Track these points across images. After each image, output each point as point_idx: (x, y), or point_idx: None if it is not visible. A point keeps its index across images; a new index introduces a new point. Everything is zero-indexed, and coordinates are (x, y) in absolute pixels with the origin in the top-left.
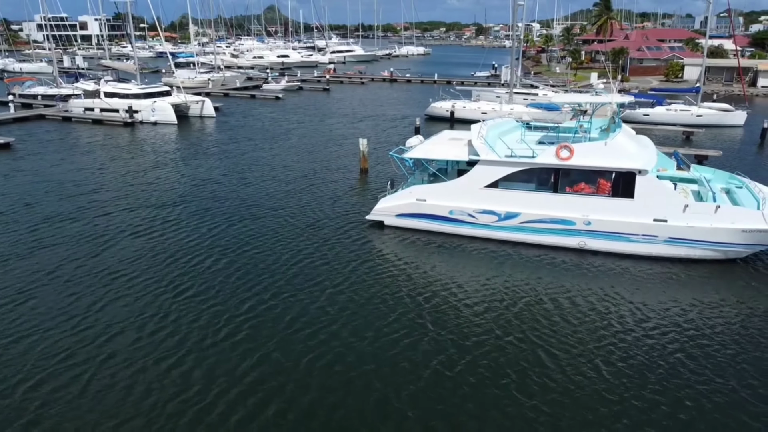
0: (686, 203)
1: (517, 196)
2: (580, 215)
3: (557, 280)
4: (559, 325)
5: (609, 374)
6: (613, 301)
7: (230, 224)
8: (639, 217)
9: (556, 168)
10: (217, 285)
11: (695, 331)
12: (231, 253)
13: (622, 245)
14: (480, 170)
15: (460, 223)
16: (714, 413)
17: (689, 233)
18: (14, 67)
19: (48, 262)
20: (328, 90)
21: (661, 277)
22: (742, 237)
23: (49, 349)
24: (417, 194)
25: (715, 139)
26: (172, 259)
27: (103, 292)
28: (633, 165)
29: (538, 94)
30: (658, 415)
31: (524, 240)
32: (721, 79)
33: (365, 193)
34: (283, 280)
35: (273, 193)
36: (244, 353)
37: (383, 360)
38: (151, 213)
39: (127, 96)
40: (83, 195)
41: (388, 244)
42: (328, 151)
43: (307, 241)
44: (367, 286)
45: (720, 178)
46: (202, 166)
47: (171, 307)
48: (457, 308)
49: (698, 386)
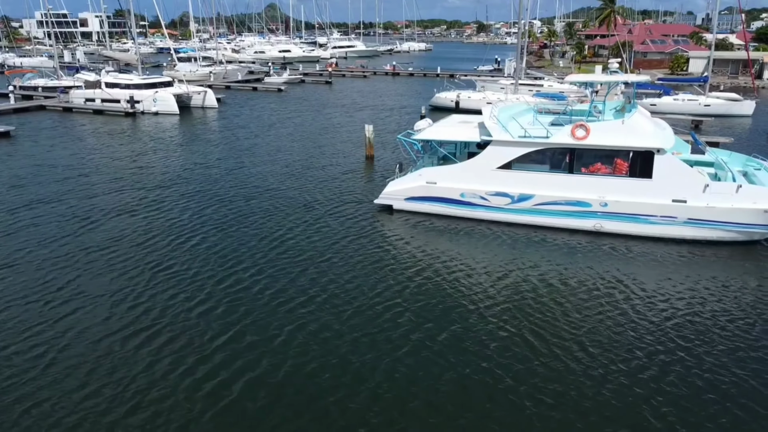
0: (706, 183)
1: (530, 178)
2: (596, 196)
3: (572, 264)
4: (574, 312)
5: (624, 364)
6: (630, 286)
7: (235, 206)
8: (657, 197)
9: (571, 148)
10: (226, 268)
11: (717, 316)
12: (238, 232)
13: (640, 227)
14: (492, 151)
15: (471, 206)
16: (738, 400)
17: (709, 214)
18: (14, 62)
19: (28, 241)
20: (330, 83)
21: (681, 259)
22: (764, 217)
23: (19, 324)
24: (427, 177)
25: (723, 127)
26: (174, 237)
27: (81, 270)
28: (651, 144)
29: (543, 85)
30: (676, 405)
31: (538, 223)
32: (727, 72)
33: (372, 179)
34: (291, 266)
35: (278, 179)
36: (251, 341)
37: (406, 336)
38: (143, 195)
39: (129, 86)
40: (74, 178)
41: (397, 228)
42: (333, 139)
43: (315, 226)
44: (377, 272)
45: (737, 160)
46: (203, 154)
47: (170, 286)
48: (468, 294)
49: (719, 375)
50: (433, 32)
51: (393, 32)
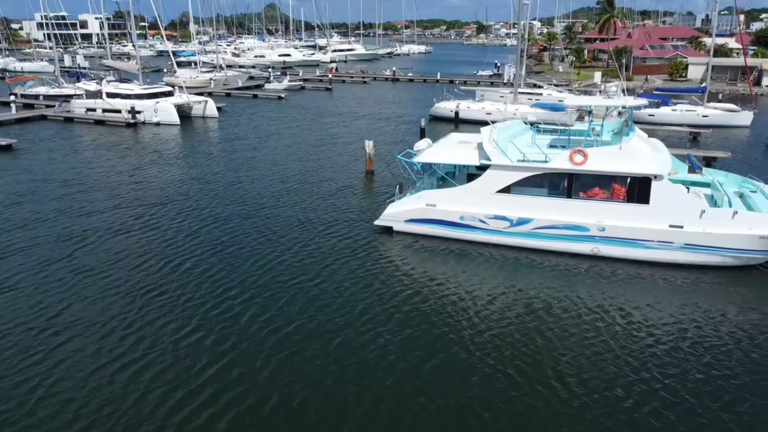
0: (703, 209)
1: (529, 202)
2: (594, 221)
3: (570, 288)
4: (571, 336)
5: (620, 387)
6: (627, 310)
7: (231, 226)
8: (654, 222)
9: (569, 173)
10: (219, 290)
11: (714, 342)
12: (232, 255)
13: (637, 252)
14: (492, 175)
15: (471, 228)
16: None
17: (706, 239)
18: (15, 67)
19: (24, 265)
20: (331, 89)
21: (678, 284)
22: (760, 243)
23: (12, 356)
24: (427, 199)
25: (721, 139)
26: (169, 259)
27: (74, 296)
28: (649, 170)
29: (542, 93)
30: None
31: (537, 246)
32: (726, 78)
33: (372, 195)
34: (283, 292)
35: (276, 196)
36: (246, 369)
37: (391, 368)
38: (139, 213)
39: (130, 96)
40: (72, 195)
41: (395, 250)
42: (333, 152)
43: (310, 248)
44: (368, 297)
45: (733, 181)
46: (204, 168)
47: (159, 309)
48: (458, 322)
49: (713, 402)
50: (433, 33)
51: (393, 33)
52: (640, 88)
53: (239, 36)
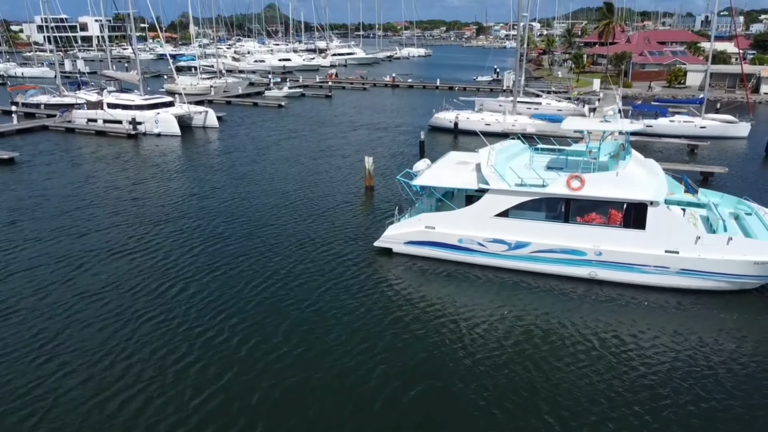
0: (698, 234)
1: (527, 226)
2: (591, 246)
3: (567, 313)
4: (567, 366)
5: (612, 421)
6: (622, 338)
7: (228, 243)
8: (650, 248)
9: (567, 198)
10: (213, 311)
11: (706, 372)
12: (229, 277)
13: (634, 276)
14: (490, 199)
15: (469, 251)
16: None
17: (701, 265)
18: (16, 72)
19: (22, 288)
20: (330, 97)
21: (673, 309)
22: (754, 269)
23: (7, 384)
24: (426, 222)
25: (719, 152)
26: (164, 281)
27: (69, 321)
28: (644, 196)
29: (541, 103)
30: None
31: (534, 269)
32: (724, 85)
33: (371, 213)
34: (276, 315)
35: (274, 213)
36: (240, 385)
37: (389, 399)
38: (136, 232)
39: (131, 107)
40: (71, 212)
41: (396, 272)
42: (331, 165)
43: (313, 268)
44: (375, 320)
45: (728, 202)
46: (203, 183)
47: (151, 340)
48: (465, 345)
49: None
50: (433, 34)
51: (393, 34)
52: (638, 98)
53: (239, 39)
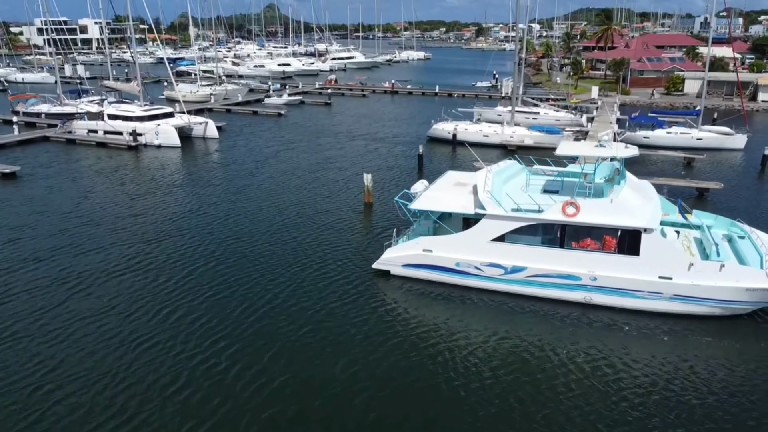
0: (691, 261)
1: (523, 251)
2: (586, 271)
3: (562, 336)
4: (561, 394)
5: None
6: (617, 362)
7: (223, 263)
8: (644, 274)
9: (562, 224)
10: (209, 334)
11: (697, 395)
12: (225, 300)
13: (628, 301)
14: (486, 224)
15: (466, 275)
16: None
17: (694, 291)
18: (16, 77)
19: (20, 312)
20: (330, 104)
21: (666, 334)
22: (746, 295)
23: (2, 417)
24: (424, 245)
25: (715, 165)
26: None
27: (67, 347)
28: (638, 223)
29: (539, 113)
30: None
31: (530, 293)
32: (722, 93)
33: (370, 230)
34: (272, 343)
35: (272, 231)
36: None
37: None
38: (134, 252)
39: (131, 119)
40: (70, 230)
41: (394, 295)
42: (331, 179)
43: (311, 290)
44: (372, 343)
45: (722, 224)
46: (201, 198)
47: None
48: (460, 371)
49: None
50: (432, 36)
51: (392, 35)
52: (636, 106)
53: (238, 42)
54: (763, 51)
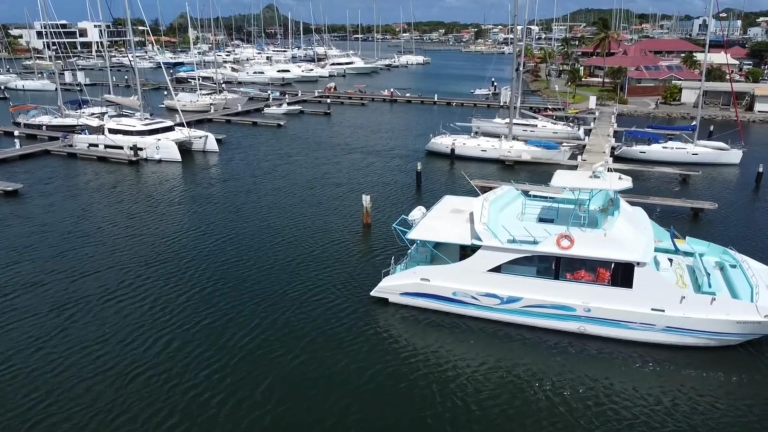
0: (683, 294)
1: (519, 282)
2: (580, 302)
3: (552, 366)
4: (555, 418)
5: None
6: (610, 392)
7: (218, 288)
8: (637, 306)
9: (557, 256)
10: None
11: (688, 418)
12: (222, 328)
13: (621, 332)
14: (483, 255)
15: (463, 304)
16: None
17: (686, 323)
18: (16, 85)
19: (16, 342)
20: (329, 114)
21: (655, 363)
22: (736, 327)
23: None
24: (421, 274)
25: (711, 181)
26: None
27: (60, 380)
28: (632, 257)
29: (537, 125)
30: None
31: (526, 323)
32: (719, 103)
33: (369, 253)
34: (264, 375)
35: (269, 254)
36: None
37: None
38: (131, 275)
39: (131, 133)
40: (68, 252)
41: (391, 322)
42: (329, 196)
43: (307, 318)
44: (366, 374)
45: (714, 252)
46: (199, 217)
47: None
48: (456, 400)
49: None
50: (431, 38)
51: (391, 36)
52: (632, 116)
53: (237, 45)
54: (761, 56)
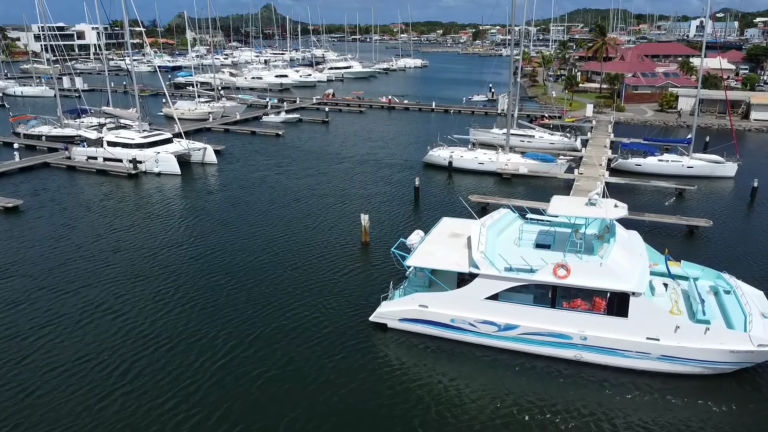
0: (677, 324)
1: (516, 309)
2: (576, 330)
3: (552, 391)
4: None
5: None
6: (604, 420)
7: (217, 314)
8: (632, 335)
9: (553, 285)
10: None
11: None
12: (215, 350)
13: (616, 360)
14: (480, 283)
15: (461, 330)
16: None
17: (680, 352)
18: (15, 91)
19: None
20: (327, 122)
21: (653, 390)
22: (729, 356)
23: None
24: (419, 301)
25: (706, 195)
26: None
27: (49, 402)
28: (627, 287)
29: (534, 136)
30: None
31: (523, 350)
32: (715, 111)
33: (368, 273)
34: (280, 387)
35: (266, 274)
36: None
37: None
38: (123, 291)
39: (130, 146)
40: (63, 265)
41: (389, 348)
42: (327, 210)
43: (304, 344)
44: (361, 401)
45: (709, 276)
46: (197, 233)
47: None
48: (451, 429)
49: None
50: (429, 39)
51: (389, 37)
52: (629, 137)
53: (236, 48)
54: (758, 61)
